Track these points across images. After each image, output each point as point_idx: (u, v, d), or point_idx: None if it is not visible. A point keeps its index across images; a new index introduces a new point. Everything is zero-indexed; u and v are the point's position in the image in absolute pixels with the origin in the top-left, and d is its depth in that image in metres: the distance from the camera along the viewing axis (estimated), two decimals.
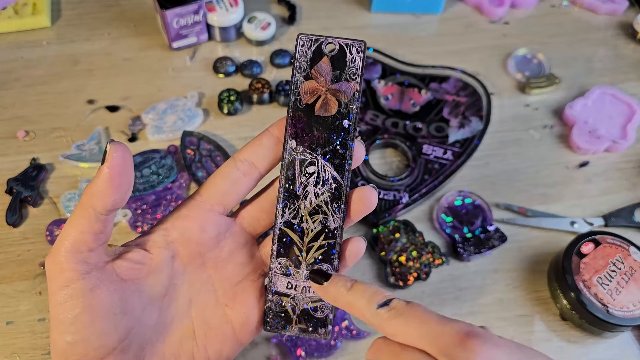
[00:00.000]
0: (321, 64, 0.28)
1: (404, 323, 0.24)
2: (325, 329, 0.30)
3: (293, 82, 0.28)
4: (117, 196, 0.25)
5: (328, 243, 0.29)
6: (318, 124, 0.29)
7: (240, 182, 0.29)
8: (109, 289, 0.26)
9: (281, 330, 0.31)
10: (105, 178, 0.25)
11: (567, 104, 0.60)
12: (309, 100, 0.28)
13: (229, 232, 0.31)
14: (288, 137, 0.29)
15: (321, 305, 0.30)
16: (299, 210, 0.29)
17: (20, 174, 0.52)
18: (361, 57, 0.28)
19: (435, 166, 0.55)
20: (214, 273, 0.30)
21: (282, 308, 0.30)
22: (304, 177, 0.29)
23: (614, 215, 0.53)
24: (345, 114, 0.28)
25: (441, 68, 0.62)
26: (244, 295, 0.31)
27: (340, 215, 0.29)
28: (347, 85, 0.28)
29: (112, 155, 0.25)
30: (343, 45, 0.28)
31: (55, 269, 0.25)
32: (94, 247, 0.26)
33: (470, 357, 0.22)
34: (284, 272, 0.30)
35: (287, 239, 0.30)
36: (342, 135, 0.29)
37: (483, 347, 0.22)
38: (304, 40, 0.28)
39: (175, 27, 0.61)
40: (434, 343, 0.23)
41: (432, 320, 0.24)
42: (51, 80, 0.60)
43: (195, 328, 0.30)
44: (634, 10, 0.72)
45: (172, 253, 0.29)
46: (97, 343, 0.26)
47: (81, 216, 0.25)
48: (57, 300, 0.25)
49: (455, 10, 0.71)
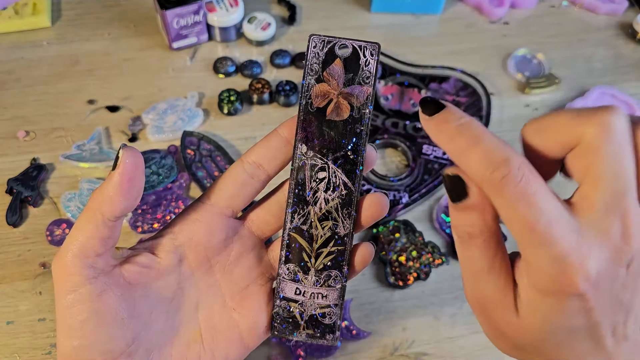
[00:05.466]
0: (334, 66, 0.27)
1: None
2: (333, 335, 0.30)
3: (304, 85, 0.28)
4: (126, 203, 0.25)
5: (337, 249, 0.29)
6: (329, 128, 0.28)
7: (249, 185, 0.29)
8: (116, 294, 0.26)
9: (289, 335, 0.30)
10: (116, 184, 0.24)
11: (567, 104, 0.60)
12: (320, 103, 0.28)
13: (237, 236, 0.30)
14: (298, 142, 0.28)
15: (329, 312, 0.30)
16: (308, 216, 0.29)
17: (20, 174, 0.52)
18: (375, 60, 0.27)
19: (435, 166, 0.55)
20: (221, 277, 0.30)
21: (290, 314, 0.30)
22: (314, 182, 0.28)
23: None
24: (358, 118, 0.28)
25: (441, 68, 0.62)
26: (251, 300, 0.30)
27: (351, 222, 0.29)
28: (360, 89, 0.27)
29: (124, 161, 0.24)
30: (357, 47, 0.27)
31: (62, 273, 0.25)
32: (101, 252, 0.25)
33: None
34: (293, 278, 0.29)
35: (296, 245, 0.29)
36: (354, 141, 0.28)
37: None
38: (316, 42, 0.27)
39: (175, 27, 0.61)
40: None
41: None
42: (51, 81, 0.60)
43: (203, 332, 0.29)
44: (633, 11, 0.72)
45: (179, 257, 0.29)
46: (104, 348, 0.26)
47: (89, 221, 0.25)
48: (63, 305, 0.25)
49: (455, 10, 0.71)
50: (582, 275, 0.21)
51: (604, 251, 0.21)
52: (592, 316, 0.22)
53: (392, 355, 0.45)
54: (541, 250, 0.21)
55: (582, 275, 0.21)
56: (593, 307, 0.22)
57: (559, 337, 0.23)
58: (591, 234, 0.21)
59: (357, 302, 0.47)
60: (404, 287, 0.48)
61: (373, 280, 0.49)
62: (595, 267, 0.21)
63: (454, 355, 0.45)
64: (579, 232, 0.21)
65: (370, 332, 0.46)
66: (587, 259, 0.21)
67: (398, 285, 0.48)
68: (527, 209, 0.21)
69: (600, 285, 0.21)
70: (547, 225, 0.21)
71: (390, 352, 0.45)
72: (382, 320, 0.47)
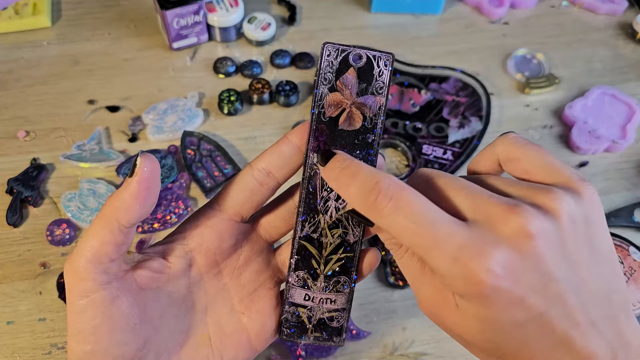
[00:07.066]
0: (347, 76, 0.27)
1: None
2: (340, 337, 0.30)
3: (317, 94, 0.27)
4: (142, 210, 0.25)
5: (347, 256, 0.29)
6: (341, 138, 0.28)
7: (258, 193, 0.29)
8: (128, 299, 0.26)
9: (297, 339, 0.30)
10: (133, 192, 0.24)
11: (567, 104, 0.60)
12: (333, 113, 0.27)
13: (245, 240, 0.30)
14: (310, 151, 0.28)
15: (337, 315, 0.30)
16: (319, 224, 0.29)
17: (20, 174, 0.52)
18: (389, 70, 0.27)
19: (435, 166, 0.55)
20: (230, 281, 0.30)
21: (299, 319, 0.30)
22: (325, 191, 0.28)
23: (613, 215, 0.53)
24: (370, 128, 0.28)
25: (441, 68, 0.62)
26: (260, 303, 0.30)
27: (360, 229, 0.29)
28: (373, 100, 0.27)
29: (142, 169, 0.24)
30: (371, 57, 0.27)
31: (75, 278, 0.25)
32: (115, 258, 0.25)
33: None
34: (302, 285, 0.30)
35: (306, 253, 0.29)
36: (366, 151, 0.28)
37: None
38: (330, 50, 0.27)
39: (175, 27, 0.61)
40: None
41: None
42: (51, 81, 0.60)
43: (212, 335, 0.30)
44: (633, 11, 0.72)
45: (189, 262, 0.29)
46: (115, 353, 0.26)
47: (104, 227, 0.25)
48: (75, 310, 0.25)
49: (455, 10, 0.71)
50: (484, 266, 0.21)
51: (498, 237, 0.21)
52: (529, 307, 0.21)
53: (392, 355, 0.45)
54: (435, 253, 0.22)
55: (484, 266, 0.21)
56: (521, 297, 0.21)
57: (511, 335, 0.22)
58: (478, 227, 0.22)
59: (357, 302, 0.47)
60: (404, 287, 0.48)
61: (373, 280, 0.49)
62: (498, 254, 0.21)
63: (453, 355, 0.45)
64: (466, 226, 0.22)
65: (370, 332, 0.46)
66: (483, 249, 0.21)
67: (398, 285, 0.48)
68: (406, 218, 0.22)
69: (516, 270, 0.21)
70: (431, 226, 0.22)
71: (390, 352, 0.45)
72: (382, 320, 0.47)
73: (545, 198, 0.22)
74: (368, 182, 0.23)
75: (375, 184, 0.23)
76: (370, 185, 0.23)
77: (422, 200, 0.22)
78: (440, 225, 0.22)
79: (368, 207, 0.23)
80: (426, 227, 0.22)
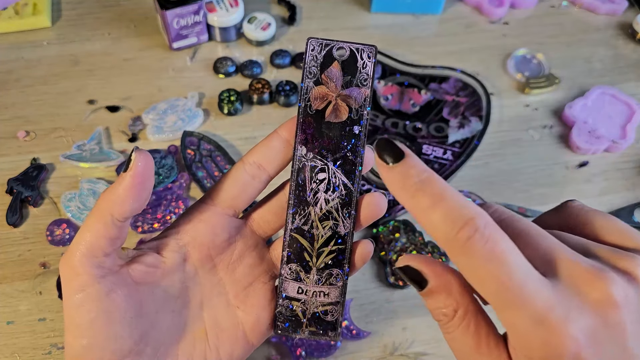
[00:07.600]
0: (332, 69, 0.28)
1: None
2: (335, 331, 0.31)
3: (303, 88, 0.28)
4: (136, 204, 0.25)
5: (338, 248, 0.29)
6: (328, 130, 0.28)
7: (250, 186, 0.29)
8: (124, 293, 0.26)
9: (292, 333, 0.31)
10: (127, 186, 0.25)
11: (567, 104, 0.60)
12: (319, 106, 0.28)
13: (239, 235, 0.31)
14: (298, 144, 0.28)
15: (331, 309, 0.30)
16: (309, 216, 0.29)
17: (20, 174, 0.52)
18: (372, 62, 0.28)
19: (435, 166, 0.55)
20: (224, 275, 0.31)
21: (293, 312, 0.30)
22: (314, 183, 0.29)
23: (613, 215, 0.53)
24: (356, 120, 0.28)
25: (441, 68, 0.62)
26: (254, 297, 0.31)
27: (351, 221, 0.29)
28: (358, 91, 0.28)
29: (137, 163, 0.25)
30: (354, 50, 0.28)
31: (70, 272, 0.25)
32: (109, 252, 0.26)
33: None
34: (295, 278, 0.30)
35: (298, 245, 0.29)
36: (353, 142, 0.28)
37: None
38: (314, 45, 0.28)
39: (175, 27, 0.61)
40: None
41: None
42: (51, 81, 0.60)
43: (208, 330, 0.30)
44: (633, 11, 0.72)
45: (183, 256, 0.29)
46: (112, 347, 0.26)
47: (98, 221, 0.25)
48: (72, 304, 0.25)
49: (455, 10, 0.71)
50: (570, 333, 0.19)
51: (584, 302, 0.20)
52: None
53: (392, 355, 0.45)
54: (519, 312, 0.20)
55: (570, 333, 0.19)
56: None
57: None
58: (563, 288, 0.21)
59: (357, 302, 0.47)
60: (404, 287, 0.48)
61: (373, 280, 0.49)
62: (583, 320, 0.20)
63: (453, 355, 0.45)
64: (552, 286, 0.20)
65: (370, 332, 0.46)
66: (569, 313, 0.20)
67: (398, 285, 0.48)
68: (497, 268, 0.20)
69: (598, 339, 0.20)
70: (521, 282, 0.20)
71: (390, 352, 0.45)
72: (382, 320, 0.47)
73: (628, 264, 0.21)
74: (461, 214, 0.21)
75: (470, 219, 0.20)
76: (463, 219, 0.21)
77: (517, 254, 0.20)
78: (530, 282, 0.20)
79: (455, 243, 0.21)
80: (517, 282, 0.20)
